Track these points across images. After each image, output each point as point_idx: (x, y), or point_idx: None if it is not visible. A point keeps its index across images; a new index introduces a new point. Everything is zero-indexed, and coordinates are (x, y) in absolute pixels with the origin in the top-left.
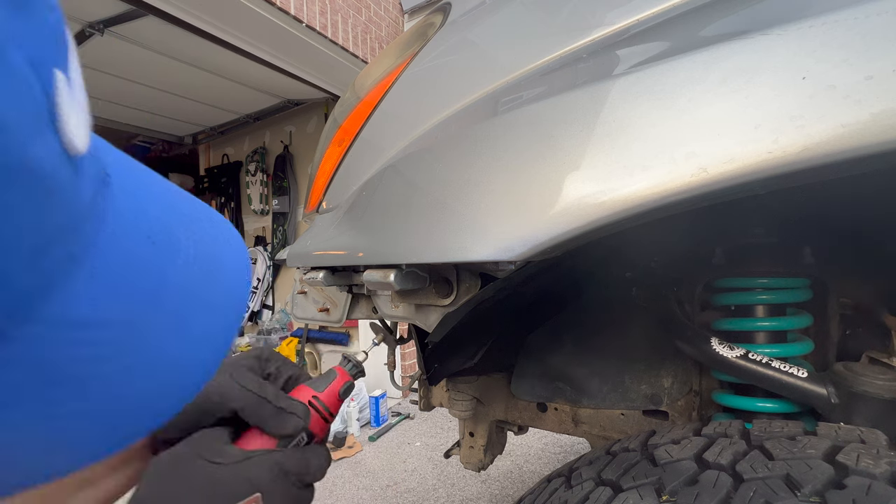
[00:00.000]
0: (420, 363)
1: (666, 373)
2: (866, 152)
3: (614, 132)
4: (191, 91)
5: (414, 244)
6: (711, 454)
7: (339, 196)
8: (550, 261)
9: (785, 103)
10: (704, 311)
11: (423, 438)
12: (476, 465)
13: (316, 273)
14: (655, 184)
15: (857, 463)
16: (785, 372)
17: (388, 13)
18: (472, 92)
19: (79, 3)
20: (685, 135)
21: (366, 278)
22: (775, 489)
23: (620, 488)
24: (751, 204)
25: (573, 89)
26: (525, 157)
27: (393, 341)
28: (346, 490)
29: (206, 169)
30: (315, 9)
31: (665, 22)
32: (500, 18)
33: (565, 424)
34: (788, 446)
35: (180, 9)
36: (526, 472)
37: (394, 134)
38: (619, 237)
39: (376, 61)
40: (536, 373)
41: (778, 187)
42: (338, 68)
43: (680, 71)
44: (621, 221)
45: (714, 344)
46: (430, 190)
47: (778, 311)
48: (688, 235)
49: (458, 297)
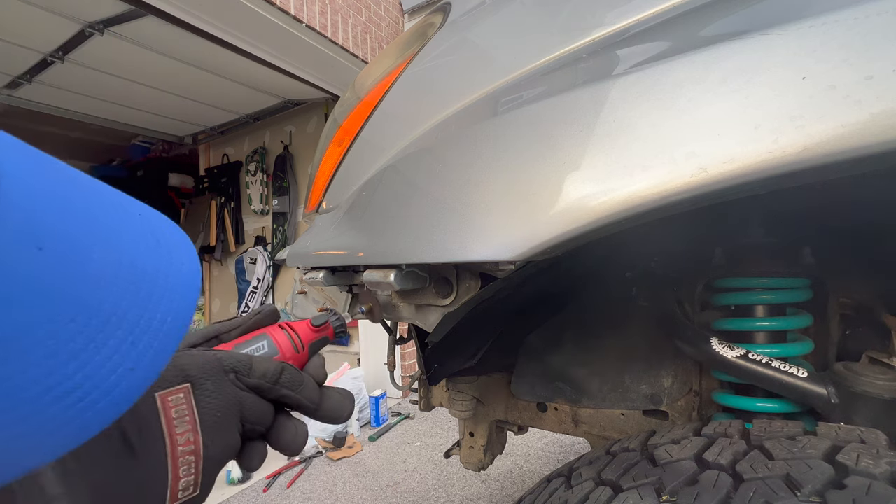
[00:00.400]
0: (420, 363)
1: (666, 373)
2: (866, 152)
3: (614, 132)
4: (191, 91)
5: (414, 244)
6: (711, 454)
7: (339, 196)
8: (550, 261)
9: (785, 103)
10: (704, 311)
11: (423, 438)
12: (476, 465)
13: (316, 273)
14: (655, 184)
15: (857, 463)
16: (785, 372)
17: (388, 13)
18: (472, 92)
19: (79, 3)
20: (685, 135)
21: (366, 278)
22: (775, 489)
23: (620, 488)
24: (751, 204)
25: (573, 89)
26: (525, 157)
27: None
28: (346, 490)
29: (206, 169)
30: (315, 9)
31: (665, 22)
32: (500, 18)
33: (565, 424)
34: (788, 446)
35: (180, 9)
36: (526, 472)
37: (394, 134)
38: (619, 237)
39: (376, 61)
40: (536, 373)
41: (778, 187)
42: (338, 68)
43: (680, 71)
44: (621, 221)
45: (714, 344)
46: (430, 190)
47: (778, 311)
48: (688, 235)
49: (458, 297)
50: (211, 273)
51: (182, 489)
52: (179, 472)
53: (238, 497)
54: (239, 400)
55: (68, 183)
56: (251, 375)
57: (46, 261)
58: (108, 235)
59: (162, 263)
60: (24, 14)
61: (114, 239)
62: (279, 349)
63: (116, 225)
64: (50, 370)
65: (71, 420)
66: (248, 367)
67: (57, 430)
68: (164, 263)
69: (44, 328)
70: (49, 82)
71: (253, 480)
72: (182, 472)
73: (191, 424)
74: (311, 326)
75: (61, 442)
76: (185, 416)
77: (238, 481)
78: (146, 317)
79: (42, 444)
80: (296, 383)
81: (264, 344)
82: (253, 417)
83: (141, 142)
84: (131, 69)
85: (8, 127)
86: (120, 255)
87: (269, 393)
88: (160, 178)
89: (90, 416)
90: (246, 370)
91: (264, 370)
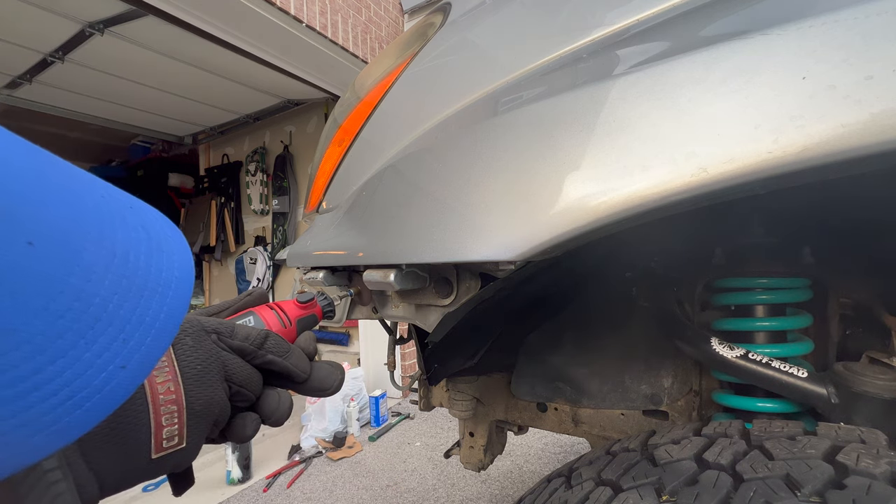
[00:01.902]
0: (420, 363)
1: (666, 373)
2: (866, 152)
3: (614, 132)
4: (191, 91)
5: (414, 244)
6: (711, 454)
7: (339, 196)
8: (550, 261)
9: (785, 103)
10: (704, 311)
11: (423, 438)
12: (476, 465)
13: (316, 273)
14: (655, 184)
15: (857, 463)
16: (785, 372)
17: (388, 13)
18: (472, 92)
19: (79, 3)
20: (685, 135)
21: (366, 278)
22: (775, 489)
23: (620, 488)
24: (751, 204)
25: (573, 89)
26: (525, 157)
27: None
28: (346, 490)
29: (206, 169)
30: (315, 9)
31: (665, 22)
32: (500, 18)
33: (565, 424)
34: (788, 446)
35: (180, 9)
36: (526, 472)
37: (394, 134)
38: (619, 237)
39: (376, 61)
40: (536, 373)
41: (778, 187)
42: (338, 68)
43: (680, 71)
44: (621, 221)
45: (714, 344)
46: (430, 190)
47: (778, 311)
48: (688, 235)
49: (458, 297)
50: (211, 273)
51: (166, 438)
52: (162, 421)
53: (238, 497)
54: (221, 358)
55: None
56: (233, 337)
57: (35, 253)
58: (100, 227)
59: (154, 258)
60: (24, 14)
61: (106, 231)
62: (266, 324)
63: (108, 216)
64: (36, 367)
65: (58, 419)
66: (230, 330)
67: (43, 429)
68: (156, 257)
69: (31, 323)
70: (49, 82)
71: (253, 480)
72: (164, 420)
73: (171, 375)
74: (297, 304)
75: (48, 441)
76: (164, 367)
77: (238, 481)
78: (138, 312)
79: (27, 444)
80: (282, 350)
81: (251, 319)
82: (238, 379)
83: (141, 142)
84: (131, 69)
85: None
86: (113, 247)
87: (254, 357)
88: (160, 178)
89: (78, 414)
90: (228, 332)
91: (247, 333)
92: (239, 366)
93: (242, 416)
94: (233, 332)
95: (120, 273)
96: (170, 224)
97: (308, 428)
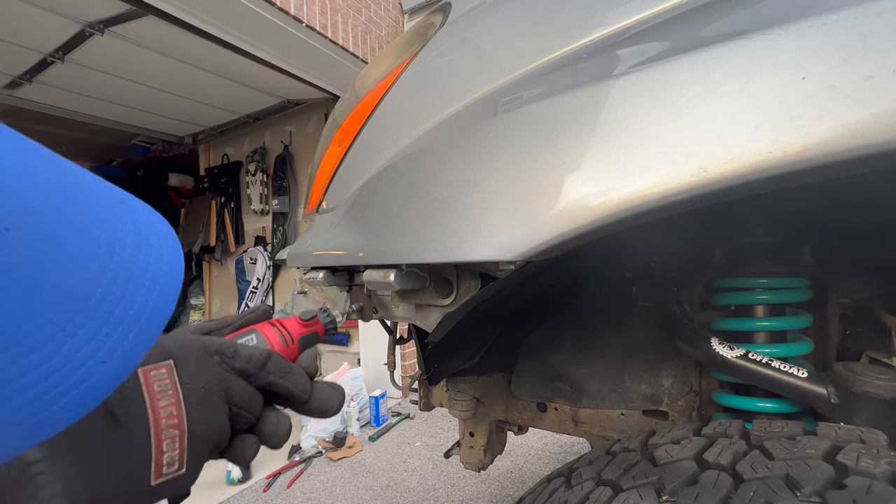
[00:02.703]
0: (420, 363)
1: (666, 373)
2: (866, 152)
3: (614, 132)
4: (191, 91)
5: (414, 244)
6: (711, 454)
7: (339, 196)
8: (550, 261)
9: (785, 103)
10: (704, 311)
11: (423, 438)
12: (476, 465)
13: (316, 273)
14: (655, 184)
15: (857, 463)
16: (785, 372)
17: (388, 13)
18: (472, 92)
19: (79, 3)
20: (685, 135)
21: (366, 278)
22: (775, 489)
23: (620, 488)
24: (751, 204)
25: (573, 89)
26: (525, 157)
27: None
28: (346, 490)
29: (206, 169)
30: (315, 9)
31: (665, 22)
32: (500, 18)
33: (565, 424)
34: (788, 446)
35: (180, 9)
36: (526, 472)
37: (394, 134)
38: (618, 237)
39: (376, 61)
40: (536, 373)
41: (778, 187)
42: (338, 68)
43: (680, 71)
44: (621, 221)
45: (714, 344)
46: (430, 190)
47: (778, 311)
48: (688, 235)
49: (458, 297)
50: (211, 273)
51: (167, 464)
52: (163, 446)
53: (238, 497)
54: (224, 380)
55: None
56: (236, 358)
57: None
58: (86, 219)
59: (142, 251)
60: (24, 14)
61: (94, 222)
62: (268, 342)
63: (97, 209)
64: (10, 359)
65: (34, 414)
66: (233, 351)
67: (18, 425)
68: (144, 251)
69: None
70: (49, 82)
71: (253, 480)
72: (166, 445)
73: (174, 399)
74: (300, 321)
75: (24, 437)
76: (167, 390)
77: (238, 481)
78: (122, 305)
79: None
80: (283, 370)
81: (253, 337)
82: (239, 401)
83: (141, 142)
84: (131, 69)
85: None
86: (98, 239)
87: (256, 378)
88: (160, 178)
89: (56, 410)
90: (231, 353)
91: (249, 354)
92: (241, 388)
93: (242, 439)
94: (235, 353)
95: (104, 265)
96: (161, 220)
97: (308, 428)
